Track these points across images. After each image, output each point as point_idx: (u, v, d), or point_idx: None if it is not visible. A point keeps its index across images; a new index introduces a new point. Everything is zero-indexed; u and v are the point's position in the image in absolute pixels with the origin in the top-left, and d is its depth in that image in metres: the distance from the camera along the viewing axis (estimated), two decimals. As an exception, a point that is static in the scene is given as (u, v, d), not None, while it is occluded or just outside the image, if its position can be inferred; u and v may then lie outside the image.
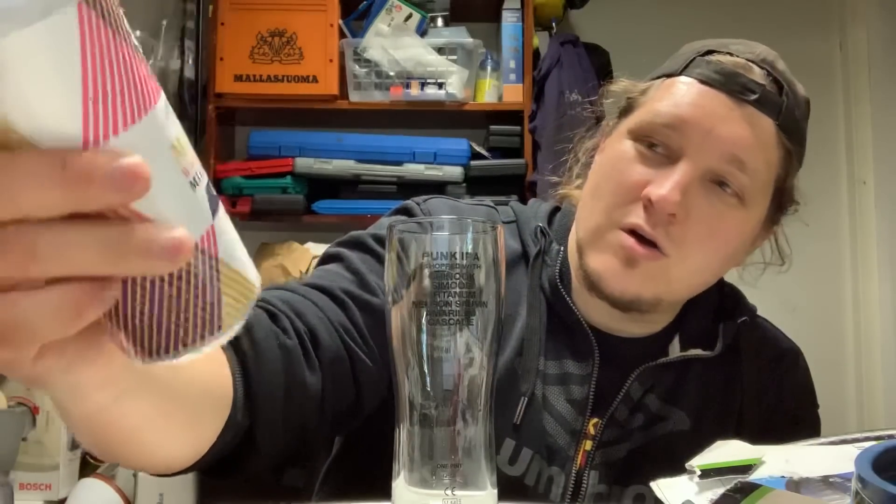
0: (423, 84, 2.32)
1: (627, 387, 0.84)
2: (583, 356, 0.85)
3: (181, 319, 0.34)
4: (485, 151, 2.38)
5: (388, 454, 0.52)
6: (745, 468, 0.57)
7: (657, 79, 0.85)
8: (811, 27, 2.78)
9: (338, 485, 0.90)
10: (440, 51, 2.34)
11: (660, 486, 0.61)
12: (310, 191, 2.36)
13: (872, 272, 2.64)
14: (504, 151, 2.40)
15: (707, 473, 0.59)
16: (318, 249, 2.15)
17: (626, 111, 0.86)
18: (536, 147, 2.33)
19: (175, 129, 0.32)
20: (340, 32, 2.37)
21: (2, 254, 0.29)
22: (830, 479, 0.53)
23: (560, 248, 0.88)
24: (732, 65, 0.80)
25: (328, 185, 2.36)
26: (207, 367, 0.58)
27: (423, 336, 0.50)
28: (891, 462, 0.44)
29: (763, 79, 0.80)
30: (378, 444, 0.71)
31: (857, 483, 0.43)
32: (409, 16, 2.35)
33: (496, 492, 0.53)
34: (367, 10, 2.37)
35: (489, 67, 2.43)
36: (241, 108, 2.43)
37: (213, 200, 0.34)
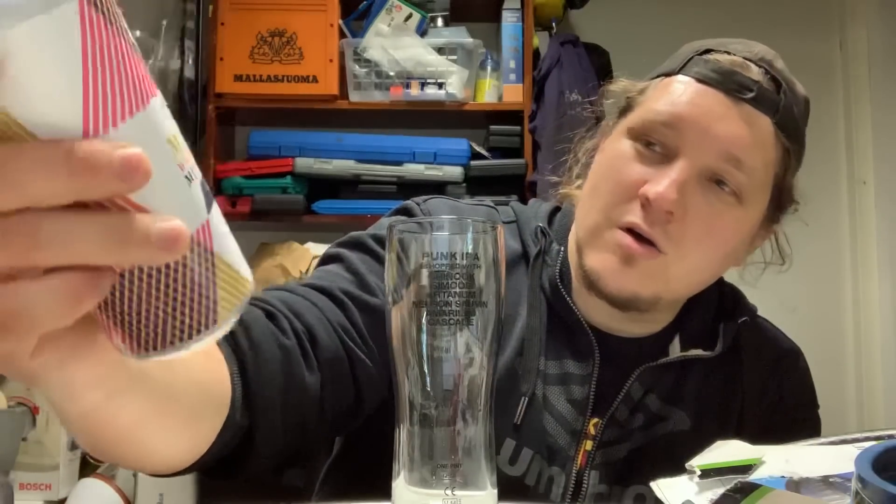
0: (423, 84, 2.32)
1: (628, 387, 0.84)
2: (583, 356, 0.85)
3: (176, 313, 0.34)
4: (485, 151, 2.38)
5: (389, 454, 0.52)
6: (745, 468, 0.57)
7: (656, 78, 0.85)
8: (811, 27, 2.78)
9: (338, 485, 0.90)
10: (440, 51, 2.34)
11: (660, 486, 0.61)
12: (310, 191, 2.36)
13: (872, 272, 2.64)
14: (504, 151, 2.39)
15: (707, 473, 0.59)
16: (318, 249, 2.15)
17: (625, 111, 0.86)
18: (536, 147, 2.33)
19: (171, 125, 0.33)
20: (340, 32, 2.37)
21: (6, 242, 0.30)
22: (830, 479, 0.53)
23: (560, 248, 0.88)
24: (730, 63, 0.80)
25: (328, 185, 2.36)
26: (205, 367, 0.58)
27: (423, 336, 0.50)
28: (891, 462, 0.44)
29: (760, 77, 0.80)
30: (378, 444, 0.70)
31: (857, 483, 0.43)
32: (409, 16, 2.35)
33: (496, 492, 0.53)
34: (367, 10, 2.37)
35: (489, 67, 2.43)
36: (241, 108, 2.43)
37: (208, 196, 0.35)
